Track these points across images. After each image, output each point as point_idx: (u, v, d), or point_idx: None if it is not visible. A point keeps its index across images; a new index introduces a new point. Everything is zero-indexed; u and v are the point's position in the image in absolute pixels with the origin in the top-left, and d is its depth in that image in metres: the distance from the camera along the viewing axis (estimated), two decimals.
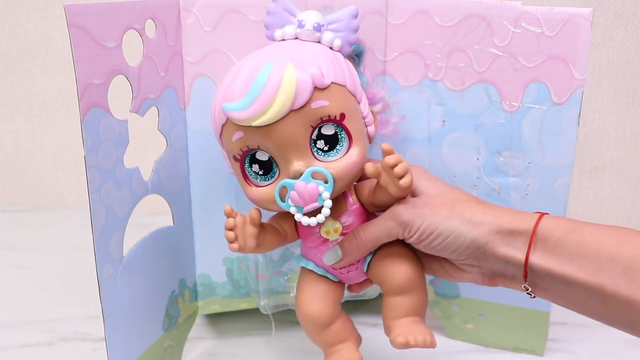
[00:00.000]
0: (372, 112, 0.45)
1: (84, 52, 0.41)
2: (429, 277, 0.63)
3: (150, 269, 0.52)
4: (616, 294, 0.37)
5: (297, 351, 0.62)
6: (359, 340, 0.48)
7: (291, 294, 0.61)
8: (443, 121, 0.56)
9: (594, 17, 0.58)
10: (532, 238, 0.40)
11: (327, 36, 0.43)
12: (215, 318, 0.67)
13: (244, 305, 0.64)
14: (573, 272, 0.39)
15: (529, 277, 0.41)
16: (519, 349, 0.61)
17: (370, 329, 0.62)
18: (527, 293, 0.42)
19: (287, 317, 0.65)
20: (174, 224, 0.56)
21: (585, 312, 0.41)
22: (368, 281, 0.48)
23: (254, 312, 0.64)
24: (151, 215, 0.60)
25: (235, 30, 0.55)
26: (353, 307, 0.64)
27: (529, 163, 0.55)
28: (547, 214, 0.42)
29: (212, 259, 0.61)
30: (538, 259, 0.40)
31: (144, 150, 0.56)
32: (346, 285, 0.48)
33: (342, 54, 0.44)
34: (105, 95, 0.44)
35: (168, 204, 0.55)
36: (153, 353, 0.54)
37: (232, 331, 0.66)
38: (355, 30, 0.45)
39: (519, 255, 0.41)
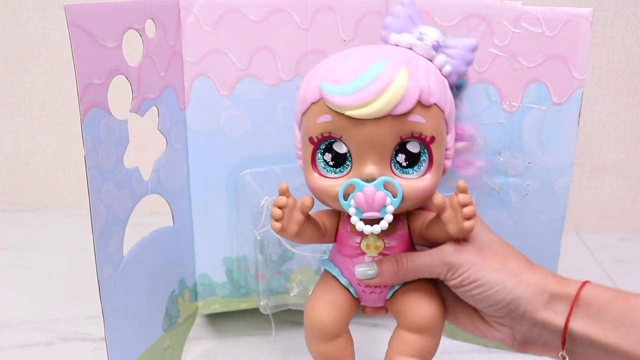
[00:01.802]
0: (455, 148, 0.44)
1: (84, 52, 0.41)
2: None
3: (150, 269, 0.52)
4: None
5: (297, 351, 0.62)
6: None
7: (291, 294, 0.61)
8: None
9: (594, 17, 0.58)
10: (575, 302, 0.39)
11: (440, 58, 0.42)
12: (215, 318, 0.67)
13: (243, 305, 0.64)
14: (616, 341, 0.37)
15: (567, 344, 0.40)
16: None
17: (369, 329, 0.62)
18: None
19: (287, 317, 0.65)
20: (174, 224, 0.56)
21: None
22: (383, 309, 0.46)
23: (254, 312, 0.64)
24: (151, 215, 0.60)
25: (235, 30, 0.55)
26: None
27: (529, 163, 0.55)
28: (590, 281, 0.41)
29: (212, 259, 0.61)
30: (579, 325, 0.39)
31: (144, 150, 0.56)
32: (360, 306, 0.47)
33: (448, 81, 0.43)
34: (105, 95, 0.44)
35: (168, 204, 0.55)
36: (153, 353, 0.54)
37: (232, 331, 0.66)
38: (469, 64, 0.43)
39: (558, 320, 0.40)
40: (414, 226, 0.43)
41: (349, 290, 0.44)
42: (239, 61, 0.56)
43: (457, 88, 0.45)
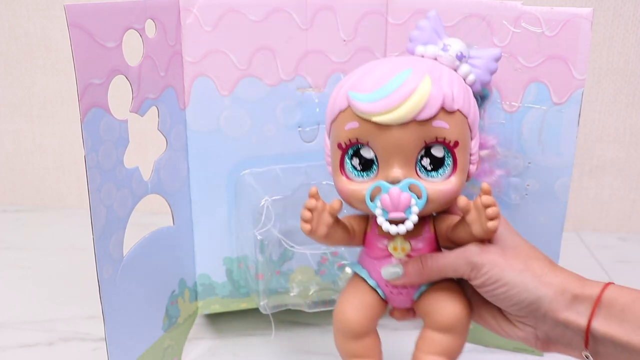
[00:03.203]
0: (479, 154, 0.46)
1: (84, 52, 0.41)
2: None
3: (150, 269, 0.52)
4: None
5: (297, 351, 0.62)
6: None
7: (291, 294, 0.61)
8: None
9: (594, 17, 0.58)
10: (597, 302, 0.40)
11: (464, 68, 0.43)
12: (215, 318, 0.67)
13: (244, 305, 0.64)
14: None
15: (590, 344, 0.40)
16: (519, 349, 0.61)
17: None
18: None
19: (287, 317, 0.65)
20: (174, 224, 0.56)
21: None
22: (412, 312, 0.48)
23: (254, 312, 0.64)
24: (151, 215, 0.60)
25: (235, 30, 0.55)
26: None
27: (529, 163, 0.55)
28: (613, 283, 0.41)
29: (212, 259, 0.61)
30: (601, 325, 0.39)
31: (144, 150, 0.56)
32: (388, 310, 0.48)
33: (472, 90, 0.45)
34: (105, 95, 0.44)
35: (168, 204, 0.55)
36: (153, 353, 0.54)
37: (232, 331, 0.66)
38: (492, 73, 0.45)
39: (581, 320, 0.40)
40: (440, 229, 0.45)
41: (377, 292, 0.46)
42: (239, 61, 0.56)
43: (481, 98, 0.46)
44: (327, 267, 0.60)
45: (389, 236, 0.44)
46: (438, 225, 0.45)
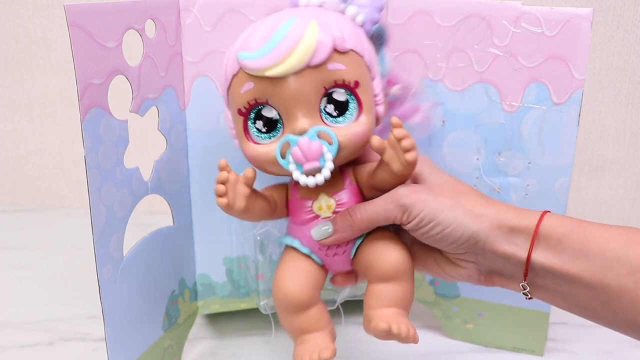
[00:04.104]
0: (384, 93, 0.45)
1: (84, 52, 0.41)
2: (428, 277, 0.63)
3: (150, 269, 0.52)
4: (622, 294, 0.36)
5: None
6: (333, 334, 0.45)
7: None
8: (443, 121, 0.56)
9: (594, 17, 0.58)
10: (535, 235, 0.39)
11: (351, 9, 0.43)
12: (215, 318, 0.67)
13: (244, 305, 0.64)
14: (577, 271, 0.38)
15: (529, 276, 0.40)
16: (518, 349, 0.61)
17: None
18: (524, 293, 0.41)
19: None
20: (174, 224, 0.56)
21: (585, 314, 0.40)
22: (353, 276, 0.47)
23: (254, 312, 0.64)
24: (151, 215, 0.60)
25: (235, 30, 0.54)
26: (350, 307, 0.64)
27: (529, 163, 0.55)
28: (549, 211, 0.41)
29: (212, 259, 0.61)
30: (540, 257, 0.39)
31: (144, 150, 0.56)
32: (329, 277, 0.47)
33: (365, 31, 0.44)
34: (105, 95, 0.44)
35: (168, 204, 0.55)
36: (153, 353, 0.54)
37: (232, 331, 0.66)
38: (380, 10, 0.44)
39: (520, 252, 0.40)
40: (361, 178, 0.44)
41: (313, 259, 0.45)
42: None
43: (378, 35, 0.45)
44: None
45: (311, 196, 0.43)
46: (359, 175, 0.44)
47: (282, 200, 0.45)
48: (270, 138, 0.42)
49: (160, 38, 0.50)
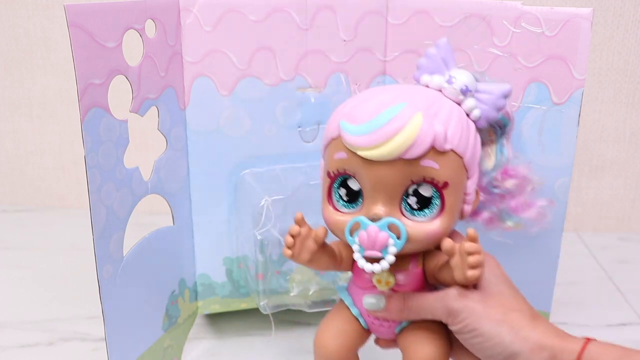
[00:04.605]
0: (477, 192, 0.44)
1: (84, 52, 0.41)
2: None
3: (150, 269, 0.52)
4: None
5: (297, 351, 0.62)
6: None
7: (291, 294, 0.61)
8: None
9: (594, 17, 0.58)
10: None
11: (469, 103, 0.41)
12: (215, 318, 0.67)
13: (244, 305, 0.64)
14: None
15: None
16: None
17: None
18: None
19: (287, 317, 0.65)
20: (174, 224, 0.56)
21: None
22: (395, 342, 0.47)
23: (254, 312, 0.64)
24: (151, 215, 0.60)
25: (235, 30, 0.55)
26: None
27: (529, 163, 0.55)
28: (594, 339, 0.40)
29: (212, 259, 0.61)
30: None
31: (144, 150, 0.56)
32: (374, 337, 0.48)
33: (477, 126, 0.43)
34: (105, 95, 0.44)
35: (168, 204, 0.55)
36: (153, 353, 0.54)
37: (232, 331, 0.66)
38: (500, 110, 0.43)
39: None
40: (428, 265, 0.43)
41: (359, 321, 0.45)
42: (239, 61, 0.56)
43: (499, 127, 0.44)
44: None
45: None
46: (427, 262, 0.43)
47: (349, 258, 0.45)
48: (348, 208, 0.42)
49: (160, 38, 0.50)
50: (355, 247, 0.40)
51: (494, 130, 0.44)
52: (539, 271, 0.58)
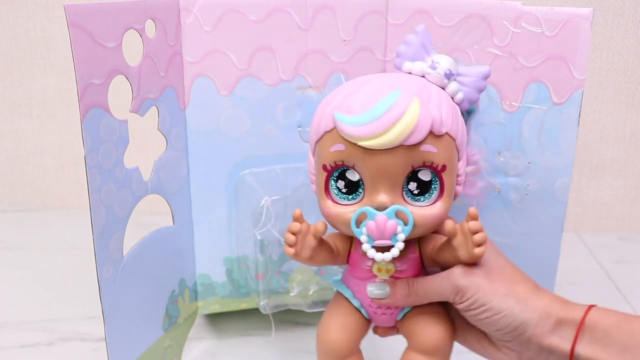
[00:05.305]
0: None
1: (84, 52, 0.41)
2: None
3: (150, 269, 0.52)
4: None
5: (297, 351, 0.62)
6: None
7: (291, 294, 0.61)
8: None
9: (594, 17, 0.58)
10: (580, 327, 0.39)
11: (453, 86, 0.42)
12: (215, 318, 0.67)
13: (244, 305, 0.64)
14: None
15: None
16: None
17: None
18: None
19: (287, 317, 0.65)
20: (174, 224, 0.56)
21: None
22: (395, 329, 0.48)
23: (254, 312, 0.64)
24: (151, 215, 0.60)
25: (235, 30, 0.55)
26: None
27: (529, 163, 0.55)
28: (596, 305, 0.41)
29: (212, 259, 0.61)
30: (585, 350, 0.39)
31: (144, 150, 0.56)
32: (372, 326, 0.48)
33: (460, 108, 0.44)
34: (105, 95, 0.44)
35: (168, 204, 0.55)
36: (153, 353, 0.54)
37: (232, 331, 0.66)
38: (481, 91, 0.44)
39: (564, 345, 0.40)
40: (425, 250, 0.44)
41: (360, 312, 0.46)
42: (239, 61, 0.56)
43: (467, 113, 0.45)
44: (327, 267, 0.60)
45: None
46: (423, 246, 0.44)
47: (345, 251, 0.46)
48: (348, 200, 0.42)
49: (160, 38, 0.50)
50: (363, 239, 0.40)
51: (462, 116, 0.45)
52: (539, 271, 0.57)
